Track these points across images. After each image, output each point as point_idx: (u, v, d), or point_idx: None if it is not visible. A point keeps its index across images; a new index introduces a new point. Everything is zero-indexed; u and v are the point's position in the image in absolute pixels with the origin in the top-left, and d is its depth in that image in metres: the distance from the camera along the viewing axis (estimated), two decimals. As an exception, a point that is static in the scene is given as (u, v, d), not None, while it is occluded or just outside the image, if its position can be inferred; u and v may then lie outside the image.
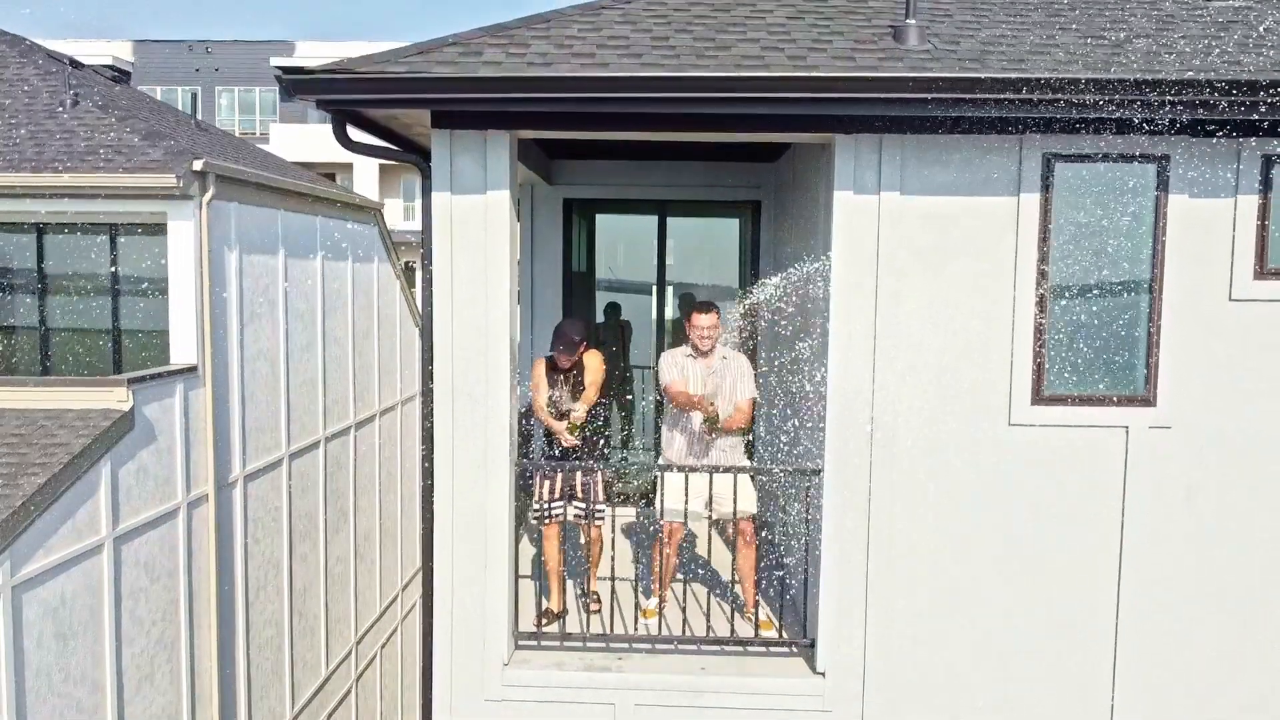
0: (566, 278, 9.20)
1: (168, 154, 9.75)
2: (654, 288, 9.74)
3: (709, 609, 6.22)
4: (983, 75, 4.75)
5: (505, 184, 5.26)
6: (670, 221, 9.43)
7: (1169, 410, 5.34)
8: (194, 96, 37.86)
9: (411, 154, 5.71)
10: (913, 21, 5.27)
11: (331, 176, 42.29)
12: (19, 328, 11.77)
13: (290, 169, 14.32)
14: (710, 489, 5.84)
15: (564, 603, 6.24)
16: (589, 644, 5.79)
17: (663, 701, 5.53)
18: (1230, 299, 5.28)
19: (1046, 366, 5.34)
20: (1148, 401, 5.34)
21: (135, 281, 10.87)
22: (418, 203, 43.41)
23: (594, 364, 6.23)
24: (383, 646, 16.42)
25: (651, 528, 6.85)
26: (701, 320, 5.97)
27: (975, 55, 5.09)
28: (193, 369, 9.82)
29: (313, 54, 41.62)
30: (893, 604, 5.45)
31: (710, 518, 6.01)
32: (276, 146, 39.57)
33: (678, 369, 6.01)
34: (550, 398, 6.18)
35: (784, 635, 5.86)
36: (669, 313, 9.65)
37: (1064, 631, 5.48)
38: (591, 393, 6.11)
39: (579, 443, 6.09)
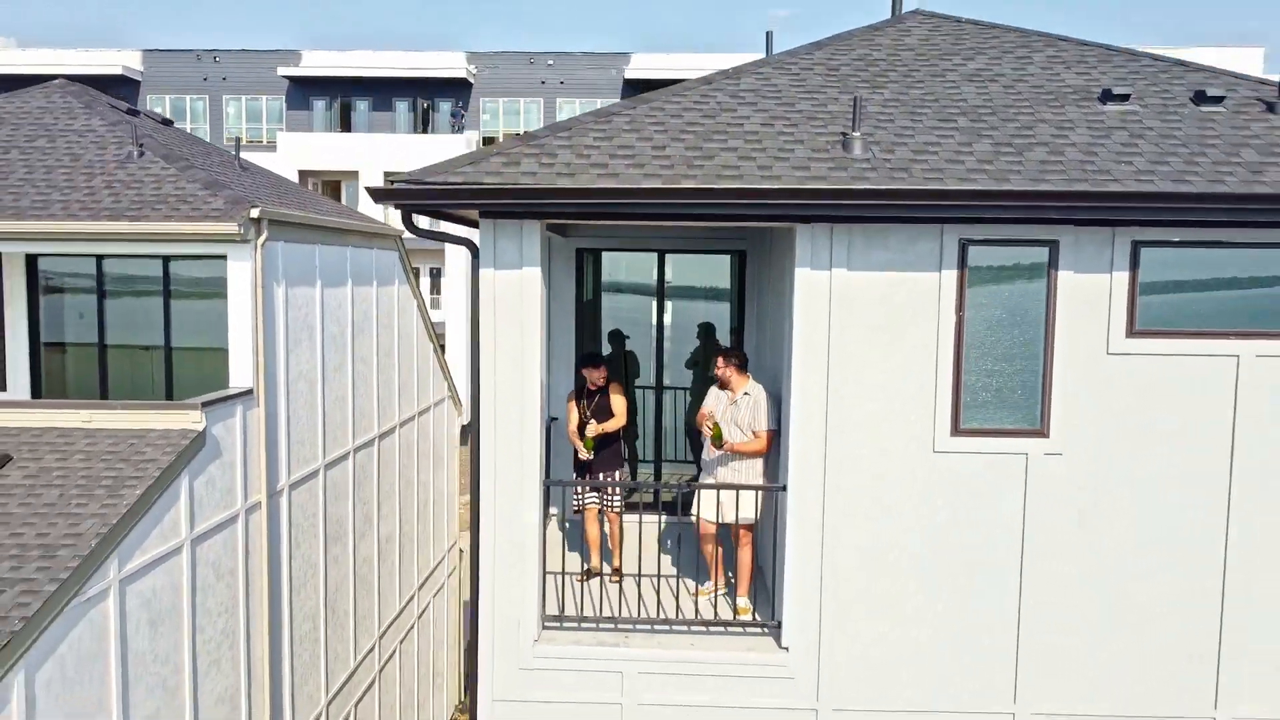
0: (578, 307, 10.62)
1: (228, 202, 11.15)
2: (654, 315, 11.20)
3: (697, 597, 7.65)
4: (907, 187, 6.18)
5: (536, 261, 6.69)
6: (669, 257, 10.88)
7: (1059, 440, 6.77)
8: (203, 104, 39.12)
9: (462, 238, 7.12)
10: (857, 133, 6.70)
11: (337, 184, 43.69)
12: (90, 345, 13.38)
13: (322, 201, 15.71)
14: (717, 501, 7.34)
15: (601, 564, 8.21)
16: (601, 625, 7.23)
17: (661, 670, 6.96)
18: (1108, 353, 6.71)
19: (963, 405, 6.77)
20: (1042, 433, 6.77)
21: (187, 300, 12.45)
22: (422, 213, 44.52)
23: (618, 398, 7.95)
24: (401, 642, 17.82)
25: (678, 533, 8.45)
26: (718, 363, 7.49)
27: (905, 164, 6.52)
28: (249, 392, 11.23)
29: (318, 62, 42.93)
30: (841, 594, 6.88)
31: (718, 523, 7.49)
32: (283, 154, 40.96)
33: (712, 399, 7.58)
34: (580, 423, 8.05)
35: (757, 618, 7.30)
36: (667, 333, 11.11)
37: (978, 616, 6.90)
38: (621, 419, 8.08)
39: (591, 457, 7.89)
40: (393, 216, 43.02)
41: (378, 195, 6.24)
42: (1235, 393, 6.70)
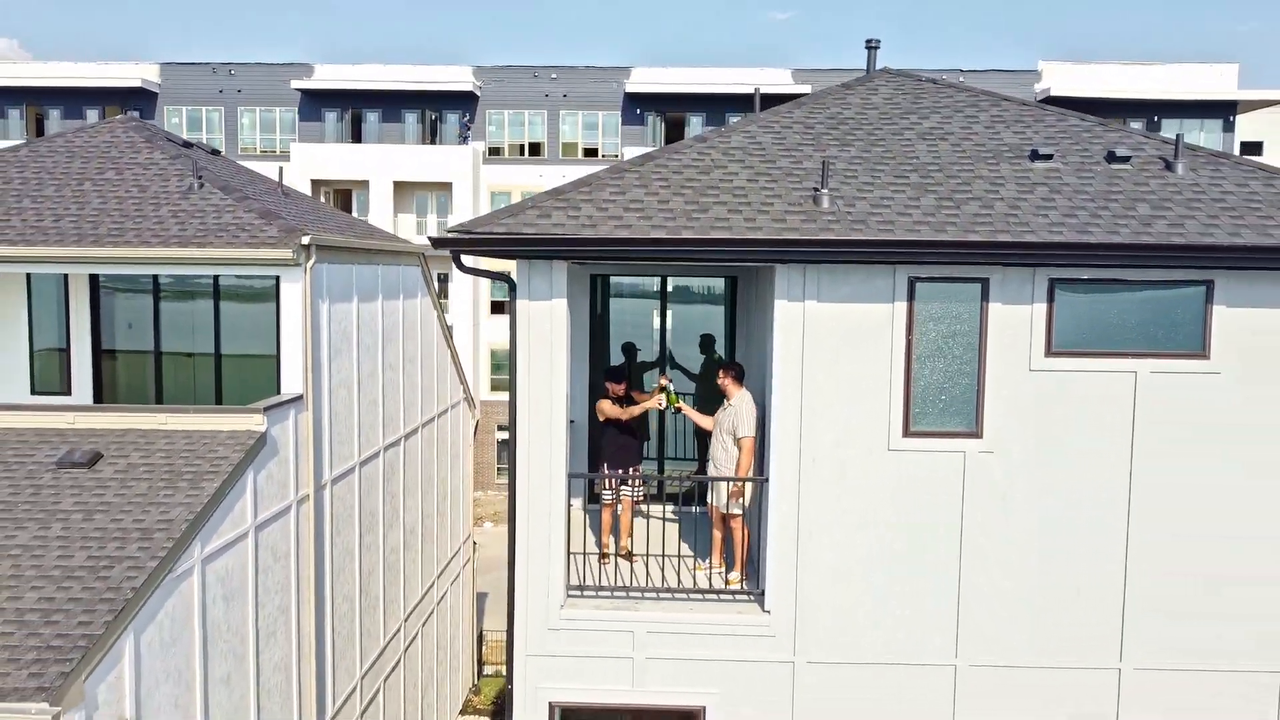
0: (591, 320, 12.12)
1: (281, 231, 12.64)
2: (656, 325, 12.74)
3: (694, 570, 9.16)
4: (864, 237, 7.70)
5: (564, 293, 8.20)
6: (670, 280, 12.41)
7: (991, 440, 8.28)
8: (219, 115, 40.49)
9: (499, 274, 8.62)
10: (825, 191, 8.21)
11: (347, 193, 45.19)
12: (146, 352, 14.95)
13: (355, 223, 17.21)
14: (711, 493, 8.85)
15: (615, 547, 9.66)
16: (615, 594, 8.73)
17: (665, 631, 8.46)
18: (1030, 369, 8.22)
19: (912, 411, 8.28)
20: (977, 435, 8.28)
21: (234, 302, 14.11)
22: (430, 219, 46.07)
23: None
24: (422, 625, 19.33)
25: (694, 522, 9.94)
26: (720, 373, 8.98)
27: (863, 217, 8.03)
28: (300, 397, 12.73)
29: (330, 76, 44.35)
30: (813, 567, 8.39)
31: (726, 511, 8.99)
32: (296, 164, 42.48)
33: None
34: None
35: (744, 587, 8.81)
36: (669, 341, 12.64)
37: (924, 584, 8.41)
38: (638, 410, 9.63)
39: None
40: (402, 227, 44.41)
41: (438, 243, 7.75)
42: (1134, 401, 8.22)
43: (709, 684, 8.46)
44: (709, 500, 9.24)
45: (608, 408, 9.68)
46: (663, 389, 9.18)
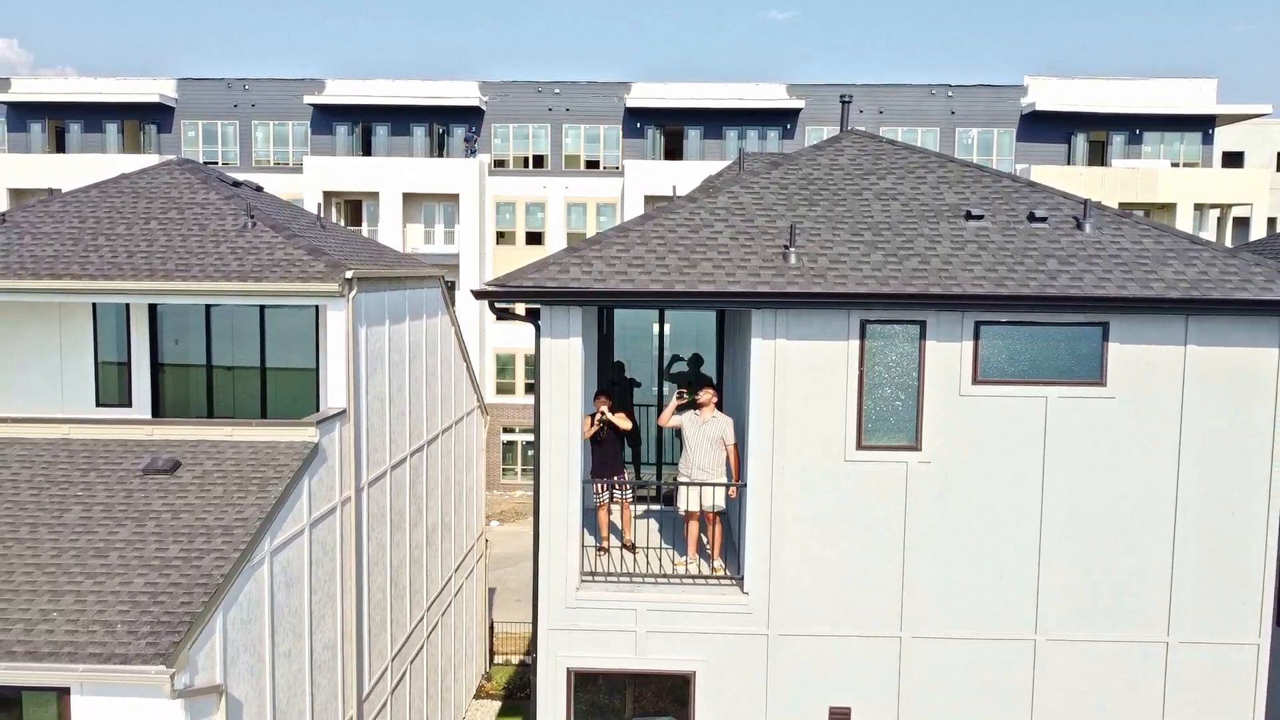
0: (599, 337, 13.94)
1: (328, 266, 14.48)
2: (656, 346, 14.60)
3: (686, 560, 11.02)
4: (822, 290, 9.55)
5: (579, 333, 10.04)
6: (667, 313, 14.27)
7: (929, 452, 10.13)
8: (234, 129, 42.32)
9: (526, 315, 10.46)
10: (793, 249, 10.06)
11: (358, 203, 46.98)
12: (200, 366, 16.80)
13: (386, 251, 19.06)
14: (699, 495, 10.69)
15: (609, 544, 11.45)
16: (620, 580, 10.58)
17: (662, 609, 10.31)
18: (960, 395, 10.07)
19: (864, 429, 10.12)
20: (917, 448, 10.13)
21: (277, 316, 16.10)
22: (437, 228, 47.86)
23: (618, 416, 11.26)
24: (441, 615, 21.19)
25: (673, 518, 11.74)
26: (708, 392, 10.77)
27: (823, 271, 9.88)
28: (343, 412, 14.57)
29: (341, 91, 46.16)
30: (783, 556, 10.23)
31: (699, 510, 10.82)
32: (309, 176, 44.35)
33: (685, 418, 10.82)
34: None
35: (727, 573, 10.66)
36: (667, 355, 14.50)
37: (875, 569, 10.25)
38: (627, 424, 11.35)
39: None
40: (411, 236, 46.14)
41: (479, 295, 9.60)
42: (1045, 420, 10.07)
43: (698, 652, 10.32)
44: (679, 504, 10.93)
45: (585, 427, 11.44)
46: (685, 399, 10.86)
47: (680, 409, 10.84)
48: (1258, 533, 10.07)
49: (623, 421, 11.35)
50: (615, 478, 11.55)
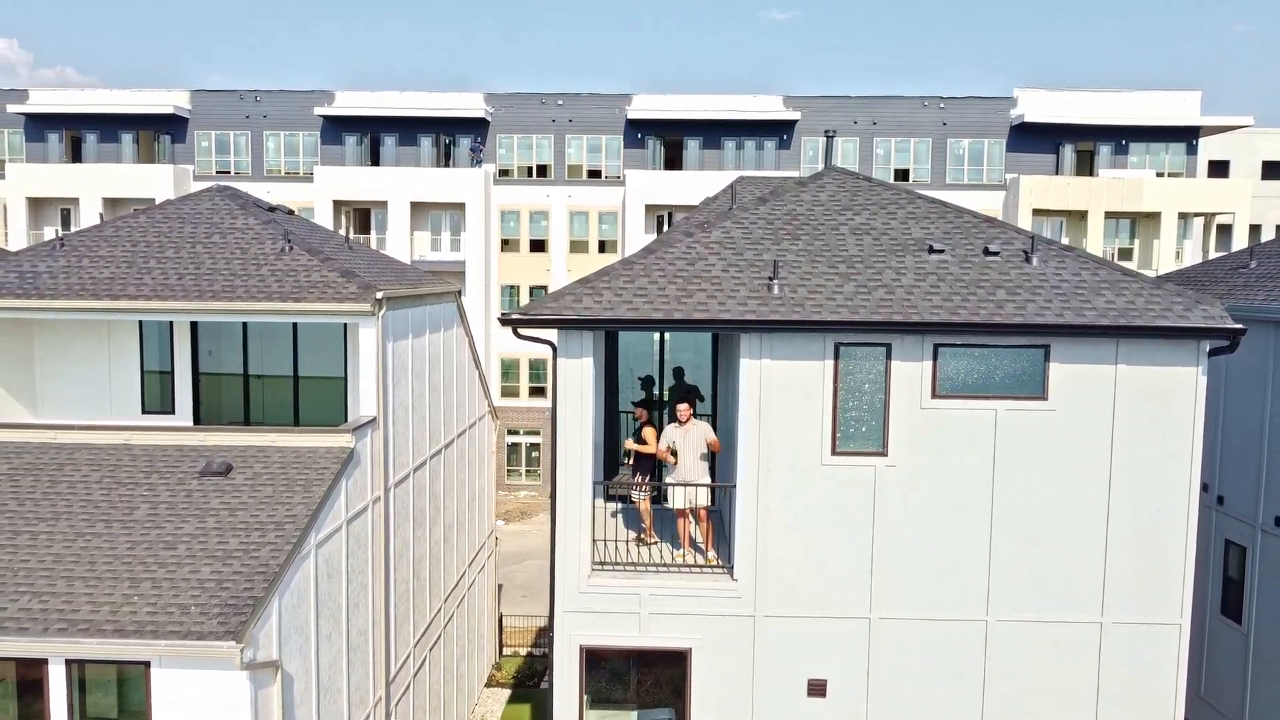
0: (605, 353, 15.47)
1: (360, 287, 15.99)
2: (657, 361, 16.14)
3: (684, 551, 12.55)
4: (802, 317, 11.08)
5: (590, 353, 11.57)
6: (667, 334, 15.84)
7: (895, 458, 11.66)
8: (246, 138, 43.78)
9: (545, 339, 11.98)
10: (776, 281, 11.59)
11: (366, 212, 48.42)
12: (237, 375, 18.30)
13: (408, 270, 20.60)
14: (686, 495, 12.23)
15: (654, 533, 13.03)
16: (626, 568, 12.11)
17: (663, 593, 11.84)
18: (921, 408, 11.60)
19: (838, 437, 11.65)
20: (884, 454, 11.65)
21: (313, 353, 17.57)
22: (444, 236, 49.36)
23: (648, 429, 12.88)
24: (456, 607, 22.71)
25: (673, 515, 13.31)
26: (688, 405, 12.34)
27: (802, 301, 11.41)
28: (374, 419, 16.10)
29: (350, 102, 47.64)
30: (768, 546, 11.76)
31: (689, 508, 12.36)
32: (319, 186, 45.89)
33: (670, 431, 12.41)
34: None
35: (719, 562, 12.20)
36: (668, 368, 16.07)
37: (848, 559, 11.77)
38: (651, 445, 13.00)
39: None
40: (418, 243, 47.62)
41: (505, 321, 11.14)
42: (995, 430, 11.60)
43: (694, 631, 11.85)
44: (670, 503, 12.53)
45: (650, 440, 13.15)
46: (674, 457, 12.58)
47: (660, 431, 12.61)
48: (1179, 527, 11.60)
49: (648, 439, 13.03)
50: (640, 480, 13.14)
